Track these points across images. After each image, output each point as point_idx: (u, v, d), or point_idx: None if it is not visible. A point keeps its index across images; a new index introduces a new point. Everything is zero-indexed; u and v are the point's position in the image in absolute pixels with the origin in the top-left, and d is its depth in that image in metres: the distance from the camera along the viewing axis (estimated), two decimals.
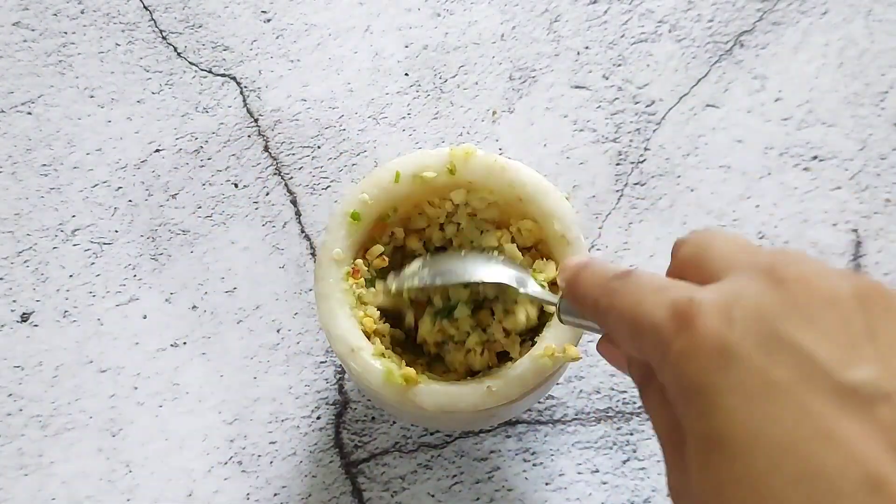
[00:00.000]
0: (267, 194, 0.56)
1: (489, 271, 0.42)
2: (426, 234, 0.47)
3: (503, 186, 0.45)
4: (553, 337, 0.42)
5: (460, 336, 0.45)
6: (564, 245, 0.44)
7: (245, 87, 0.59)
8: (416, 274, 0.43)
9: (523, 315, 0.44)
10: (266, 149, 0.57)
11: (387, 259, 0.46)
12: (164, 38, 0.60)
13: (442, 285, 0.44)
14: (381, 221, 0.46)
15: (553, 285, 0.43)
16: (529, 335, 0.45)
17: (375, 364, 0.42)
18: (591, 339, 0.53)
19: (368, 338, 0.44)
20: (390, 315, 0.46)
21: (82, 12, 0.60)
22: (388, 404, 0.43)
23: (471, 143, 0.46)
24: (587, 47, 0.59)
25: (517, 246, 0.46)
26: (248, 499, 0.50)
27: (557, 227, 0.44)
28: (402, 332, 0.45)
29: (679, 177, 0.56)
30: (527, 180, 0.45)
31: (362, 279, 0.45)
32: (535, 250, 0.46)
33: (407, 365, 0.43)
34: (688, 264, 0.30)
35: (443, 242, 0.47)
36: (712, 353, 0.25)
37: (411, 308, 0.46)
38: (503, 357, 0.45)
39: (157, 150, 0.57)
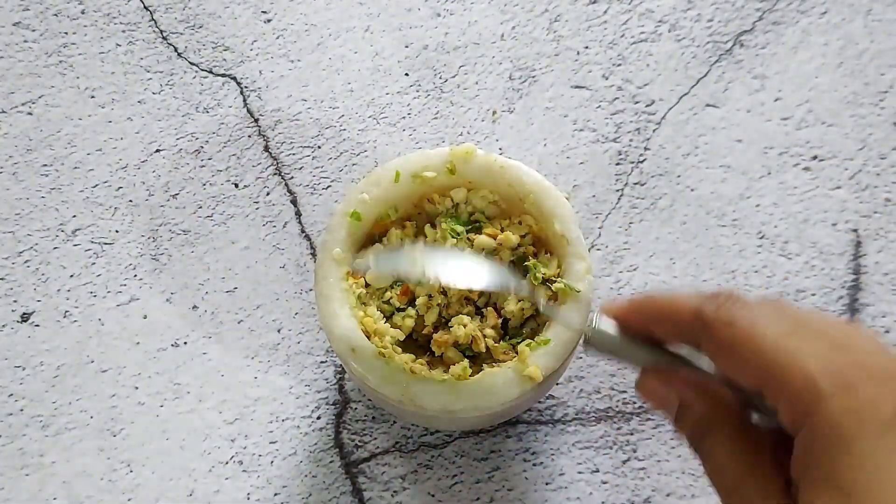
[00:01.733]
0: (267, 194, 0.56)
1: (499, 279, 0.41)
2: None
3: (503, 186, 0.45)
4: (554, 336, 0.43)
5: (454, 311, 0.45)
6: (565, 245, 0.44)
7: (245, 87, 0.59)
8: (414, 265, 0.42)
9: (514, 305, 0.44)
10: (266, 149, 0.57)
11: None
12: (164, 38, 0.60)
13: (445, 286, 0.44)
14: (381, 221, 0.46)
15: (546, 283, 0.44)
16: (530, 333, 0.45)
17: (376, 364, 0.42)
18: None
19: (369, 338, 0.44)
20: (390, 315, 0.46)
21: (83, 13, 0.61)
22: (389, 404, 0.43)
23: (471, 143, 0.46)
24: (587, 47, 0.59)
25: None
26: (248, 498, 0.50)
27: (558, 227, 0.44)
28: (402, 331, 0.45)
29: (679, 177, 0.56)
30: (526, 180, 0.45)
31: (363, 280, 0.45)
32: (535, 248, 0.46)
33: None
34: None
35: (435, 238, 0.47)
36: (873, 418, 0.29)
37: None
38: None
39: (158, 151, 0.57)
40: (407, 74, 0.59)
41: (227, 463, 0.51)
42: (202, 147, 0.57)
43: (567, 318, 0.41)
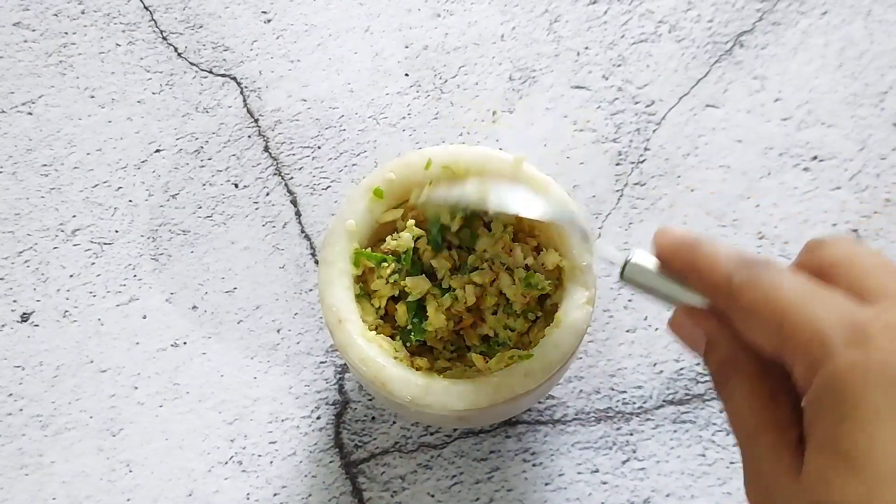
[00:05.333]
0: (267, 194, 0.56)
1: (556, 211, 0.40)
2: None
3: None
4: (538, 355, 0.42)
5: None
6: (577, 274, 0.44)
7: (245, 87, 0.59)
8: (473, 192, 0.41)
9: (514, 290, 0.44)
10: (266, 149, 0.57)
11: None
12: (164, 38, 0.60)
13: (495, 212, 0.43)
14: (398, 206, 0.46)
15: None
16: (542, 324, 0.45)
17: (357, 341, 0.42)
18: (590, 338, 0.53)
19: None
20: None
21: (83, 13, 0.61)
22: (365, 381, 0.43)
23: (521, 155, 0.45)
24: (587, 48, 0.59)
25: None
26: (248, 499, 0.50)
27: (575, 251, 0.43)
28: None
29: (679, 177, 0.56)
30: (554, 198, 0.44)
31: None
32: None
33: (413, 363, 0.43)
34: (833, 268, 0.30)
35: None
36: (881, 374, 0.26)
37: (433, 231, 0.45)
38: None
39: (158, 151, 0.57)
40: (407, 75, 0.59)
41: (226, 463, 0.51)
42: (202, 147, 0.57)
43: (607, 252, 0.39)
